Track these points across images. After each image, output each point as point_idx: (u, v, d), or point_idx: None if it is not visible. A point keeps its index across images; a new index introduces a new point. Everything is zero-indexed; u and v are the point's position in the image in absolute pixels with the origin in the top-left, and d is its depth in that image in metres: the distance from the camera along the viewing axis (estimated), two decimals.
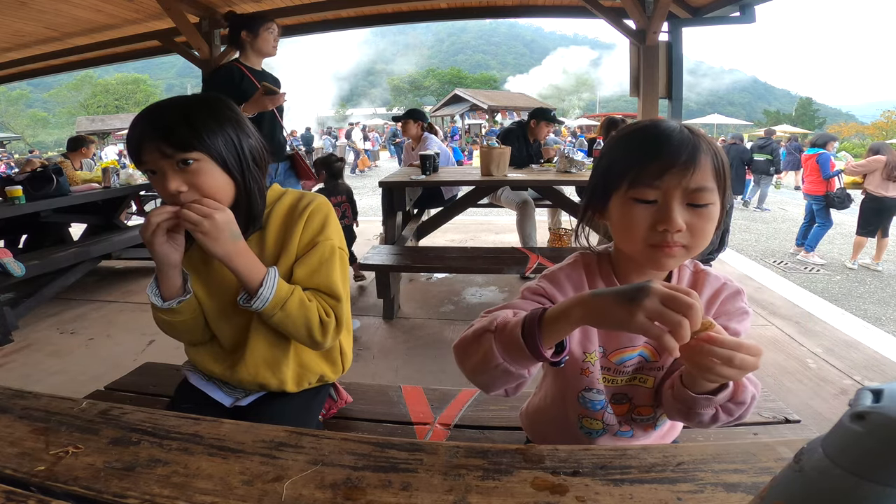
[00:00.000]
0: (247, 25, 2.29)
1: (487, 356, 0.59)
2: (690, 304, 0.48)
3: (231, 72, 2.30)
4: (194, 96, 0.86)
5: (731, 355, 0.51)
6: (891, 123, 36.67)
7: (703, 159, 0.61)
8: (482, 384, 0.64)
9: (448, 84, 54.09)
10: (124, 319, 2.95)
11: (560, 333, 0.56)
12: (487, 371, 0.60)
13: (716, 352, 0.51)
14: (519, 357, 0.57)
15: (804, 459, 0.33)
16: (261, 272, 0.83)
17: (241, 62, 2.33)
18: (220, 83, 2.27)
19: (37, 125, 44.31)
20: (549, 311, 0.56)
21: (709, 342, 0.51)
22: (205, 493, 0.52)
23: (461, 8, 4.89)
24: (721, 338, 0.51)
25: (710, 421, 0.63)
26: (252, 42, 2.31)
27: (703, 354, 0.51)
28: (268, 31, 2.33)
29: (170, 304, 0.86)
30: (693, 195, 0.61)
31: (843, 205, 5.02)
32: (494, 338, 0.59)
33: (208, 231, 0.77)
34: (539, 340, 0.55)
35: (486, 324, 0.61)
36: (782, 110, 63.14)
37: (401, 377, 2.16)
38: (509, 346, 0.57)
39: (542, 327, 0.55)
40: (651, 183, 0.61)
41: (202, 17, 4.69)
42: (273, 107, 2.23)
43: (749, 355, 0.51)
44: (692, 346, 0.52)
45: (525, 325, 0.56)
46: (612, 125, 3.99)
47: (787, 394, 1.96)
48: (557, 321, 0.55)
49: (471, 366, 0.62)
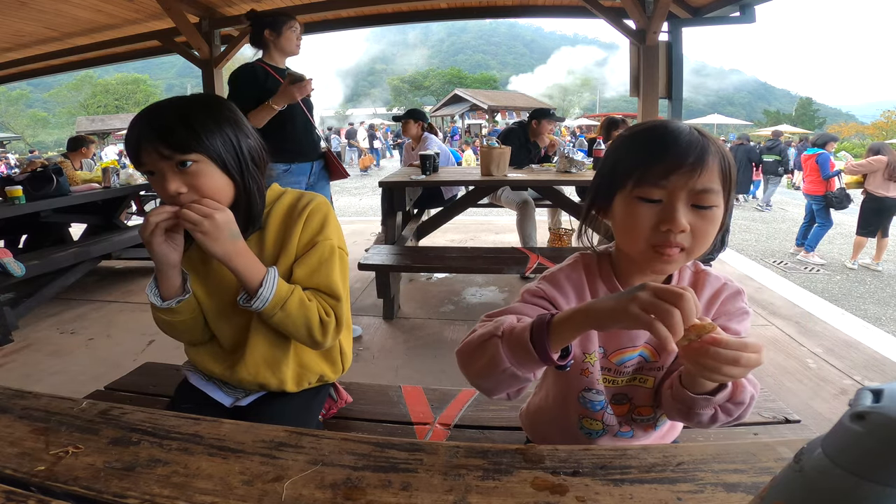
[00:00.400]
0: (270, 24, 2.27)
1: (495, 360, 0.59)
2: (681, 294, 0.49)
3: (255, 71, 2.27)
4: (193, 97, 0.85)
5: (737, 356, 0.51)
6: (891, 123, 36.66)
7: (711, 161, 0.61)
8: (486, 388, 0.64)
9: (448, 84, 54.09)
10: (124, 319, 2.95)
11: (566, 338, 0.57)
12: (494, 375, 0.61)
13: (721, 353, 0.51)
14: (526, 361, 0.58)
15: (804, 459, 0.33)
16: (260, 272, 0.83)
17: (264, 62, 2.30)
18: (244, 83, 2.24)
19: (37, 125, 44.28)
20: (556, 317, 0.57)
21: (713, 344, 0.51)
22: (205, 493, 0.52)
23: (461, 8, 4.89)
24: (726, 339, 0.52)
25: (709, 421, 0.63)
26: (276, 41, 2.28)
27: (708, 356, 0.52)
28: (291, 29, 2.30)
29: (169, 304, 0.86)
30: (698, 197, 0.61)
31: (841, 205, 5.03)
32: (501, 342, 0.59)
33: (208, 231, 0.77)
34: (548, 344, 0.56)
35: (492, 329, 0.62)
36: (782, 110, 63.11)
37: (401, 377, 2.16)
38: (517, 350, 0.58)
39: (550, 332, 0.56)
40: (657, 182, 0.61)
41: (202, 17, 4.69)
42: (301, 96, 2.18)
43: (753, 353, 0.52)
44: (696, 348, 0.52)
45: (533, 330, 0.57)
46: (612, 125, 3.99)
47: (787, 394, 1.96)
48: (563, 326, 0.56)
49: (476, 370, 0.63)
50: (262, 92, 2.18)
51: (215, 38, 4.86)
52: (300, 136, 2.32)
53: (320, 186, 2.43)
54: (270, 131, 2.15)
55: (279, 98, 2.14)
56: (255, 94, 2.17)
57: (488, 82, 59.41)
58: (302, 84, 2.14)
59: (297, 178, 2.32)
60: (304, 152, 2.34)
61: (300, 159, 2.32)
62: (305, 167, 2.35)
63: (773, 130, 9.85)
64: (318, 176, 2.41)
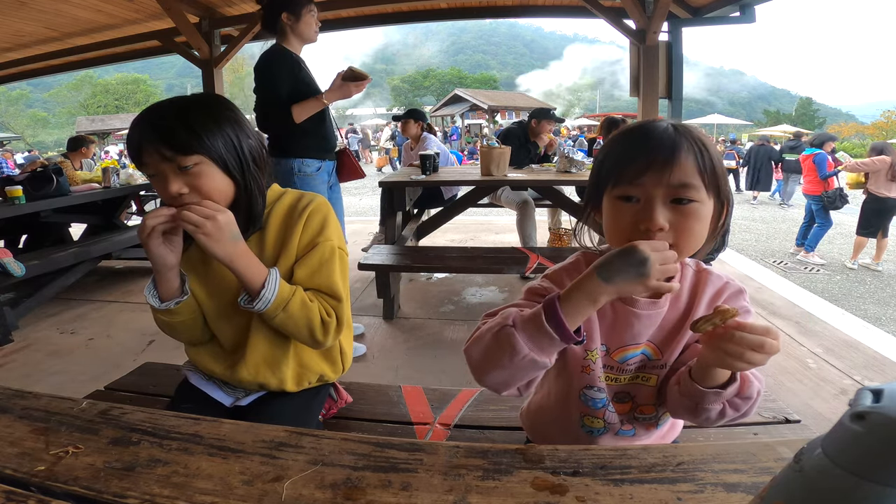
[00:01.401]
0: (287, 6, 2.04)
1: (513, 349, 0.60)
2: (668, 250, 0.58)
3: (288, 56, 2.04)
4: (194, 97, 0.85)
5: (762, 341, 0.53)
6: (891, 123, 36.68)
7: (684, 157, 0.61)
8: (500, 382, 0.64)
9: (448, 84, 54.10)
10: (124, 319, 2.95)
11: (580, 312, 0.59)
12: (512, 365, 0.61)
13: (746, 338, 0.53)
14: (544, 343, 0.59)
15: (804, 459, 0.33)
16: (262, 273, 0.83)
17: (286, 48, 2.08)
18: (281, 68, 2.02)
19: (37, 125, 44.25)
20: (563, 293, 0.59)
21: (739, 328, 0.53)
22: (205, 493, 0.52)
23: (461, 8, 4.90)
24: (751, 324, 0.54)
25: (717, 417, 0.63)
26: (294, 26, 2.06)
27: (732, 341, 0.54)
28: (310, 13, 2.09)
29: (167, 305, 0.86)
30: (675, 192, 0.61)
31: (833, 205, 5.01)
32: (516, 330, 0.60)
33: (210, 233, 0.77)
34: (563, 318, 0.58)
35: (501, 321, 0.63)
36: (782, 110, 63.13)
37: (401, 377, 2.16)
38: (534, 333, 0.59)
39: (562, 306, 0.58)
40: (632, 181, 0.63)
41: (202, 17, 4.69)
42: (357, 93, 2.07)
43: (775, 339, 0.54)
44: (721, 334, 0.54)
45: (546, 311, 0.58)
46: (611, 125, 3.99)
47: (787, 394, 1.96)
48: (573, 298, 0.58)
49: (491, 364, 0.63)
50: (295, 81, 2.04)
51: (215, 38, 4.86)
52: (331, 134, 2.23)
53: (337, 186, 2.38)
54: (312, 127, 2.07)
55: (332, 93, 2.03)
56: (291, 81, 2.03)
57: (488, 82, 59.46)
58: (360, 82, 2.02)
59: (326, 177, 2.24)
60: (332, 150, 2.27)
61: (329, 157, 2.25)
62: (331, 165, 2.28)
63: (795, 132, 10.32)
64: (333, 176, 2.35)
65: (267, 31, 2.12)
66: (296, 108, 2.02)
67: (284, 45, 2.08)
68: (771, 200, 9.70)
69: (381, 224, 3.82)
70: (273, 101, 2.03)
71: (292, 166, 2.11)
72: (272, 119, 2.05)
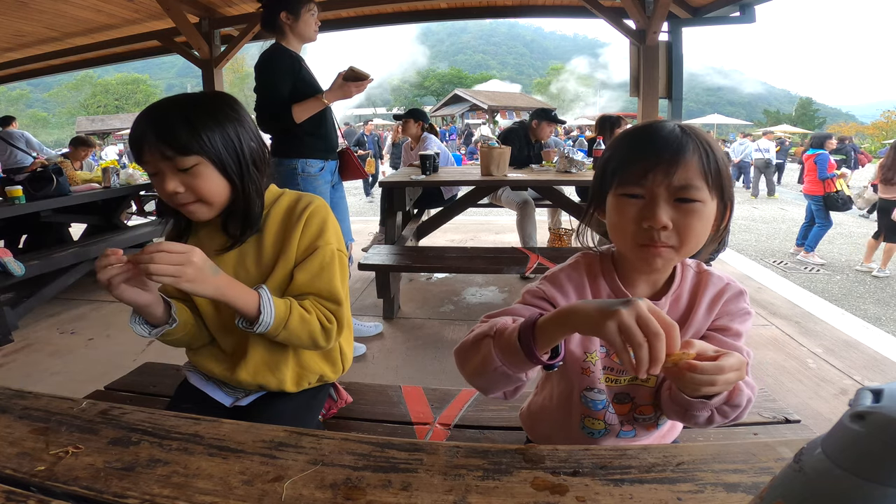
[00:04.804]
0: (287, 5, 2.02)
1: (487, 360, 0.61)
2: (657, 333, 0.48)
3: (288, 55, 2.03)
4: (197, 95, 0.85)
5: (713, 380, 0.52)
6: (891, 123, 36.68)
7: (689, 157, 0.62)
8: (481, 387, 0.66)
9: (448, 84, 54.10)
10: (124, 319, 2.89)
11: (552, 338, 0.57)
12: (486, 374, 0.62)
13: (696, 378, 0.52)
14: (516, 361, 0.59)
15: (804, 459, 0.33)
16: (254, 297, 0.81)
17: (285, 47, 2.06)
18: (281, 65, 2.00)
19: (37, 125, 44.27)
20: (542, 318, 0.58)
21: (690, 370, 0.52)
22: (205, 493, 0.52)
23: (461, 8, 4.90)
24: (701, 366, 0.52)
25: (705, 422, 0.64)
26: (293, 25, 2.05)
27: (684, 381, 0.53)
28: (309, 12, 2.07)
29: (158, 333, 0.85)
30: (679, 192, 0.62)
31: (836, 207, 4.95)
32: (493, 342, 0.61)
33: (194, 278, 0.72)
34: (533, 344, 0.56)
35: (486, 329, 0.63)
36: (782, 110, 63.12)
37: (401, 377, 2.16)
38: (507, 350, 0.59)
39: (535, 332, 0.57)
40: (637, 180, 0.63)
41: (202, 17, 4.70)
42: (357, 93, 2.05)
43: (732, 371, 0.53)
44: (675, 372, 0.53)
45: (522, 330, 0.58)
46: (606, 122, 3.97)
47: (787, 394, 1.96)
48: (548, 326, 0.57)
49: (471, 369, 0.64)
50: (296, 80, 2.03)
51: (215, 38, 4.87)
52: (333, 133, 2.22)
53: (340, 185, 2.36)
54: (313, 127, 2.06)
55: (333, 93, 2.01)
56: (291, 80, 2.02)
57: (488, 82, 59.40)
58: (362, 82, 2.00)
59: (329, 177, 2.22)
60: (334, 149, 2.24)
61: (332, 157, 2.23)
62: (333, 165, 2.26)
63: (838, 137, 10.39)
64: (336, 175, 2.33)
65: (266, 30, 2.12)
66: (296, 108, 2.01)
67: (284, 44, 2.08)
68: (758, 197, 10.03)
69: (381, 224, 3.82)
70: (273, 100, 2.02)
71: (295, 167, 2.10)
72: (272, 119, 2.04)
